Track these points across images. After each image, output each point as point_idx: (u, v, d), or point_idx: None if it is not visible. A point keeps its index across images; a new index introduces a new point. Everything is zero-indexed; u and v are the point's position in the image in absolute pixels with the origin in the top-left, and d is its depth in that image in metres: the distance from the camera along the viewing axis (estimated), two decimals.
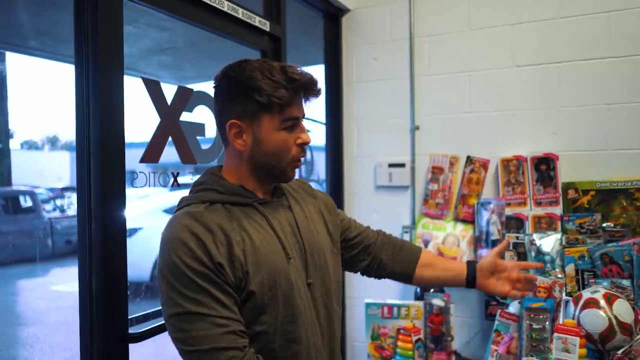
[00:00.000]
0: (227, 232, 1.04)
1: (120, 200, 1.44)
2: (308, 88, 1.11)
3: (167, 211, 5.73)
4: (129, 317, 1.49)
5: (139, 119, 1.74)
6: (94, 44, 1.38)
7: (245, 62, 1.12)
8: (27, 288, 6.12)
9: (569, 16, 2.32)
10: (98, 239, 1.39)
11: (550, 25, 2.36)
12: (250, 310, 1.06)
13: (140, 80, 1.59)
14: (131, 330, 1.49)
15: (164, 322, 1.58)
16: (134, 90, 1.55)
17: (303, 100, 1.13)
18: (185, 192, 1.20)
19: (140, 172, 1.58)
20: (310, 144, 1.16)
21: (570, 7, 2.31)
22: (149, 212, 5.73)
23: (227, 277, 1.01)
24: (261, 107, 1.07)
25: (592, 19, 2.28)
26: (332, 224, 1.32)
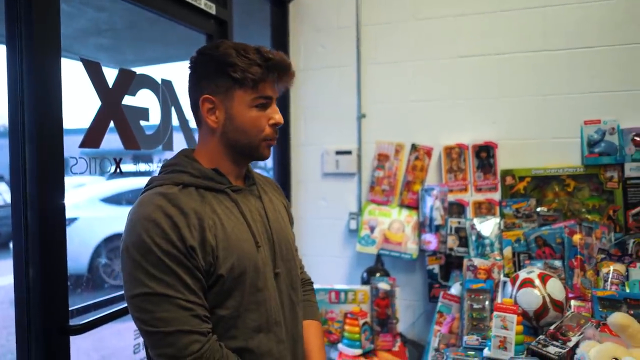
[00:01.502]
0: (200, 216, 1.04)
1: (58, 187, 1.37)
2: (281, 68, 1.12)
3: (105, 200, 5.51)
4: (70, 309, 1.43)
5: (76, 104, 1.66)
6: (28, 22, 1.29)
7: (220, 42, 1.14)
8: None
9: (509, 9, 2.41)
10: (35, 228, 1.31)
11: (491, 18, 2.44)
12: (216, 295, 1.06)
13: (76, 63, 1.51)
14: (72, 322, 1.42)
15: (105, 313, 1.55)
16: (70, 73, 1.48)
17: (276, 81, 1.13)
18: (127, 181, 1.18)
19: (80, 157, 1.50)
20: (280, 125, 1.17)
21: (510, 1, 2.40)
22: (85, 201, 5.48)
23: (198, 262, 1.01)
24: (234, 82, 1.08)
25: (530, 13, 2.38)
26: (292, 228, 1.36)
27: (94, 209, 5.33)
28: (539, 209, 2.28)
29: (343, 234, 2.71)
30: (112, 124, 1.60)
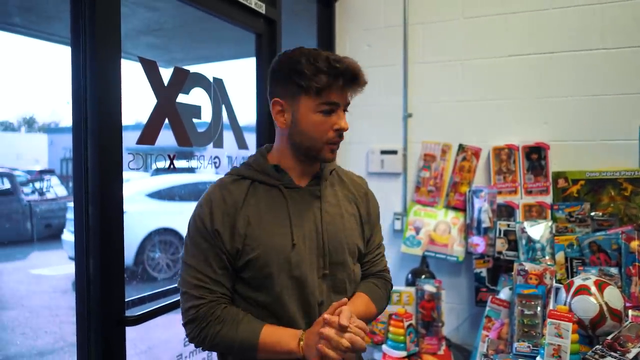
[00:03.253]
0: (237, 206, 1.17)
1: (117, 182, 1.42)
2: (348, 76, 1.14)
3: (150, 195, 5.66)
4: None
5: (130, 102, 1.70)
6: (91, 25, 1.34)
7: (297, 49, 1.20)
8: (5, 271, 6.01)
9: (562, 7, 2.33)
10: (95, 221, 1.36)
11: (543, 16, 2.37)
12: (251, 280, 1.18)
13: (129, 62, 1.55)
14: (127, 313, 1.47)
15: (159, 306, 1.59)
16: (125, 72, 1.52)
17: (345, 88, 1.17)
18: (171, 177, 1.26)
19: (137, 153, 1.55)
20: (345, 131, 1.20)
21: None
22: (131, 196, 5.65)
23: (223, 244, 1.15)
24: (300, 89, 1.15)
25: (584, 11, 2.30)
26: (367, 233, 1.35)
27: (140, 203, 5.48)
28: (593, 214, 2.20)
29: (387, 234, 2.69)
30: (166, 121, 1.64)
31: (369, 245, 1.37)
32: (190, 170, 1.88)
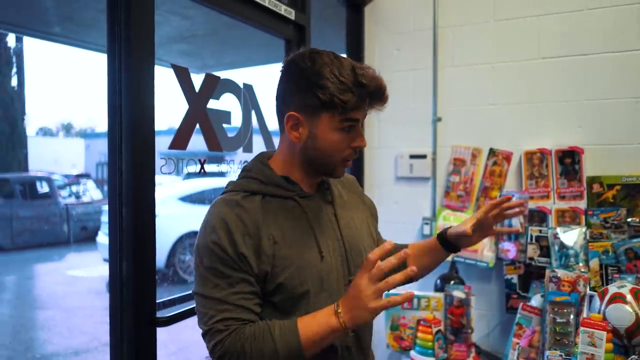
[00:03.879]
0: (258, 225, 1.06)
1: (150, 186, 1.45)
2: (376, 96, 1.08)
3: (182, 199, 5.77)
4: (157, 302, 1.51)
5: (162, 108, 1.75)
6: (127, 33, 1.38)
7: (316, 53, 1.09)
8: (43, 272, 6.22)
9: (596, 7, 2.28)
10: (129, 224, 1.40)
11: (577, 17, 2.32)
12: (282, 303, 1.08)
13: (161, 69, 1.59)
14: (158, 315, 1.50)
15: (189, 307, 1.62)
16: (158, 78, 1.56)
17: (368, 107, 1.10)
18: (202, 181, 1.22)
19: (169, 158, 1.58)
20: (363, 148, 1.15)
21: None
22: (162, 200, 5.78)
23: (250, 268, 1.04)
24: (323, 105, 1.05)
25: (619, 11, 2.24)
26: (373, 231, 1.34)
27: (172, 207, 5.60)
28: (629, 219, 2.13)
29: (416, 239, 2.67)
30: (197, 126, 1.67)
31: (378, 240, 1.36)
32: (221, 174, 1.91)
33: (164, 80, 1.69)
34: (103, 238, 5.85)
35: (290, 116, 1.09)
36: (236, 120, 1.87)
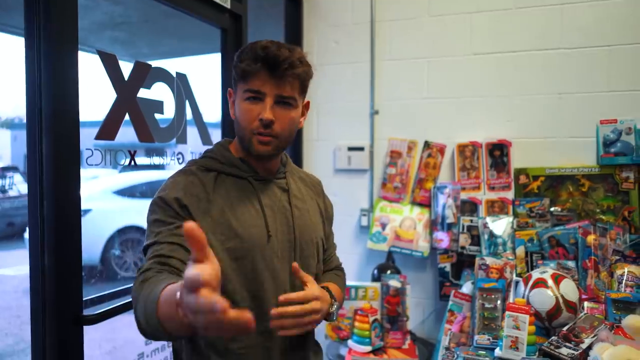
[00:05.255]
0: (208, 192, 1.13)
1: (74, 178, 1.38)
2: (268, 61, 1.09)
3: (117, 193, 5.55)
4: (83, 299, 1.44)
5: (91, 97, 1.67)
6: (46, 15, 1.30)
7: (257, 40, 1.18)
8: None
9: (525, 7, 2.38)
10: (50, 217, 1.32)
11: (507, 15, 2.42)
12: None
13: (91, 56, 1.52)
14: (85, 313, 1.44)
15: (119, 304, 1.57)
16: (85, 66, 1.49)
17: (269, 77, 1.11)
18: (140, 174, 1.22)
19: (95, 149, 1.51)
20: (268, 122, 1.12)
21: None
22: (98, 193, 5.54)
23: (192, 218, 1.07)
24: (236, 76, 1.16)
25: (546, 10, 2.35)
26: (327, 229, 1.39)
27: (107, 201, 5.38)
28: (552, 209, 2.26)
29: (354, 230, 2.71)
30: (127, 116, 1.61)
31: (327, 241, 1.39)
32: (159, 167, 1.85)
33: (93, 69, 1.60)
34: None
35: (229, 91, 1.22)
36: (169, 110, 1.81)
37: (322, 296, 1.13)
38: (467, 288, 2.11)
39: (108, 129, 1.51)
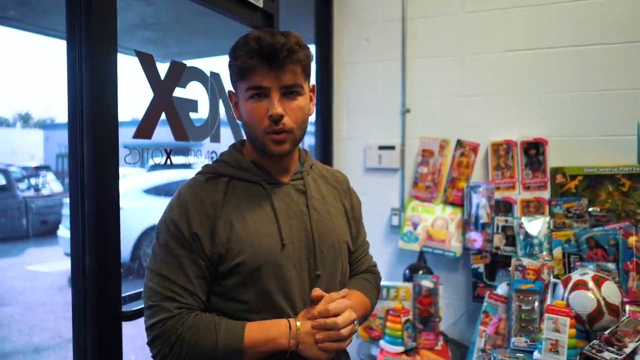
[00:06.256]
0: (216, 207, 1.05)
1: (113, 176, 1.40)
2: (263, 53, 1.01)
3: (146, 192, 5.64)
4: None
5: (126, 97, 1.69)
6: (87, 18, 1.32)
7: (249, 32, 1.10)
8: (1, 268, 5.99)
9: (561, 2, 2.32)
10: (91, 217, 1.35)
11: (543, 11, 2.36)
12: (234, 286, 1.06)
13: (125, 57, 1.54)
14: (124, 309, 1.46)
15: None
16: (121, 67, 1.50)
17: (269, 69, 1.02)
18: (168, 173, 1.20)
19: (133, 149, 1.53)
20: (278, 117, 1.05)
21: None
22: (127, 192, 5.62)
23: (202, 250, 1.03)
24: (234, 75, 1.08)
25: (584, 6, 2.29)
26: (354, 230, 1.28)
27: (137, 199, 5.47)
28: (591, 209, 2.20)
29: (384, 230, 2.69)
30: (163, 115, 1.62)
31: (356, 242, 1.29)
32: (187, 166, 1.86)
33: (128, 69, 1.63)
34: (64, 232, 5.67)
35: (229, 93, 1.14)
36: (203, 109, 1.83)
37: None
38: (502, 289, 2.07)
39: (145, 127, 1.53)
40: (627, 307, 1.74)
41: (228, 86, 1.92)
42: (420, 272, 2.35)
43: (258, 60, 1.01)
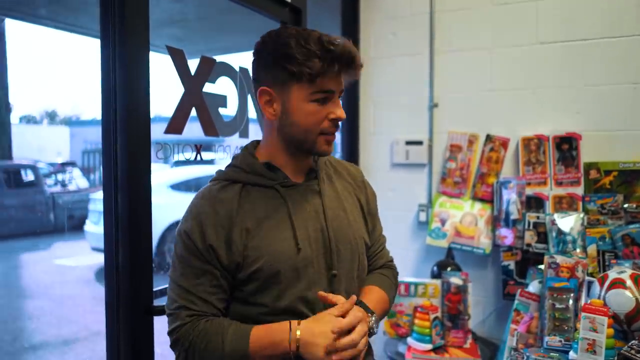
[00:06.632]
0: (232, 215, 1.06)
1: (146, 172, 1.42)
2: (344, 60, 1.04)
3: (172, 187, 5.70)
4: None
5: (156, 94, 1.70)
6: (121, 17, 1.33)
7: (283, 28, 1.09)
8: (30, 262, 6.13)
9: None
10: (124, 213, 1.36)
11: (575, 2, 2.30)
12: (253, 291, 1.08)
13: (152, 54, 1.55)
14: (155, 303, 1.47)
15: None
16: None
17: (341, 74, 1.06)
18: (192, 168, 1.19)
19: (165, 144, 1.54)
20: (341, 120, 1.10)
21: None
22: (153, 188, 5.69)
23: (219, 261, 1.05)
24: (291, 76, 1.03)
25: None
26: (370, 225, 1.28)
27: (162, 195, 5.53)
28: (626, 205, 2.14)
29: (412, 226, 2.66)
30: (193, 111, 1.63)
31: (372, 237, 1.29)
32: (210, 161, 1.86)
33: (156, 66, 1.63)
34: (90, 227, 5.77)
35: (262, 91, 1.08)
36: (232, 104, 1.83)
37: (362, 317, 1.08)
38: (533, 287, 2.03)
39: (177, 123, 1.54)
40: None
41: None
42: (449, 268, 2.32)
43: (338, 66, 1.03)
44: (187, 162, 1.70)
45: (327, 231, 1.12)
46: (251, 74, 1.14)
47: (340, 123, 1.10)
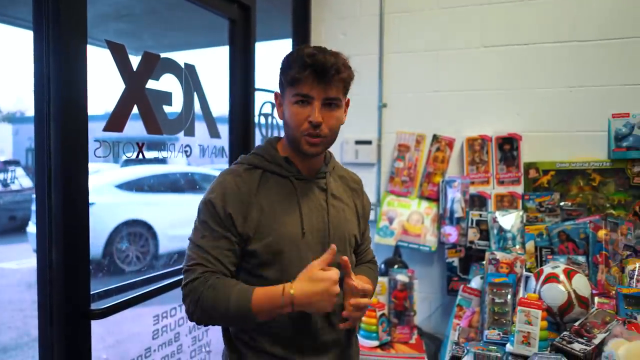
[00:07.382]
0: (251, 194, 1.23)
1: (83, 170, 1.37)
2: (316, 68, 1.17)
3: (119, 187, 5.54)
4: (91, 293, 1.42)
5: (96, 90, 1.64)
6: (55, 7, 1.28)
7: (304, 45, 1.28)
8: None
9: None
10: (58, 211, 1.31)
11: (518, 8, 2.39)
12: (259, 264, 1.23)
13: (95, 49, 1.50)
14: (92, 307, 1.42)
15: (126, 298, 1.55)
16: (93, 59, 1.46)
17: (316, 82, 1.18)
18: (141, 168, 1.18)
19: (104, 142, 1.49)
20: (317, 124, 1.20)
21: None
22: (100, 187, 5.51)
23: (235, 228, 1.20)
24: (285, 81, 1.23)
25: (558, 3, 2.32)
26: (362, 226, 1.44)
27: (109, 194, 5.36)
28: (562, 204, 2.24)
29: None
30: (135, 109, 1.58)
31: (362, 237, 1.45)
32: (161, 160, 1.83)
33: (97, 62, 1.58)
34: (34, 228, 5.53)
35: (276, 94, 1.31)
36: (177, 102, 1.79)
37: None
38: (476, 283, 2.09)
39: (116, 120, 1.49)
40: (596, 299, 1.78)
41: (203, 79, 1.91)
42: (396, 266, 2.36)
43: (310, 74, 1.17)
44: (137, 161, 1.65)
45: (328, 225, 1.28)
46: None
47: (321, 128, 1.20)
